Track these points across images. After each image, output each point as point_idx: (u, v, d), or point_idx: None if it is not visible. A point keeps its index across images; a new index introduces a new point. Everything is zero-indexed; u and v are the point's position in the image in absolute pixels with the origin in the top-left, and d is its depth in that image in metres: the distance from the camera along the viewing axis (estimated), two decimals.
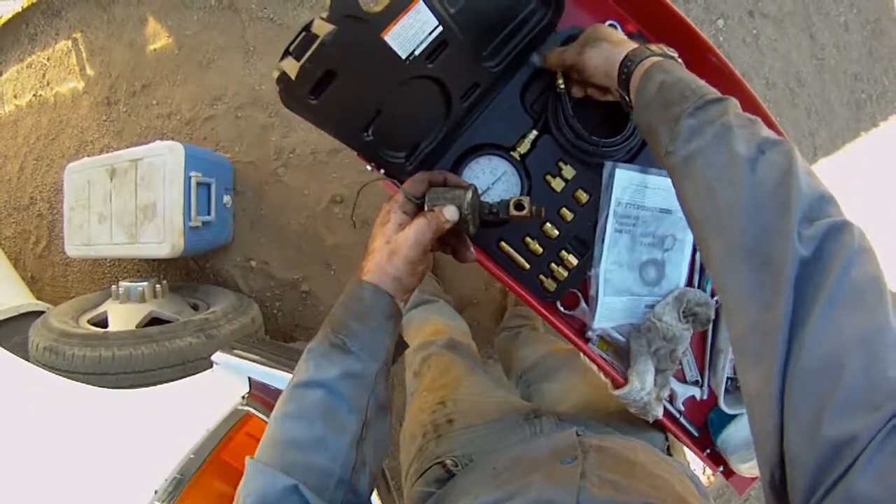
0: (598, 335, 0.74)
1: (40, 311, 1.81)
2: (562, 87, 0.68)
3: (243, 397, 1.02)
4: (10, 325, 1.76)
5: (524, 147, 0.72)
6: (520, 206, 0.59)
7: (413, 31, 0.53)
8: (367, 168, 0.67)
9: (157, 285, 1.67)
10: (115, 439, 0.98)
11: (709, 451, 0.79)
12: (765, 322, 0.37)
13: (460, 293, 1.78)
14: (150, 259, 1.99)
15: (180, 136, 1.95)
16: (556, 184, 0.73)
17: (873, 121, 2.06)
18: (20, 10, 2.29)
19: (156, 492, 0.82)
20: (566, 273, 0.73)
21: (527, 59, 0.69)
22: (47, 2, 2.23)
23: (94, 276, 2.21)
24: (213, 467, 0.90)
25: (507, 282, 0.70)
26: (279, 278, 1.88)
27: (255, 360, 1.05)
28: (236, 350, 1.10)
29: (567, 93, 0.68)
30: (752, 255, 0.40)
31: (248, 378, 1.04)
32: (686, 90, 0.49)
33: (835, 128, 2.00)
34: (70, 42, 2.21)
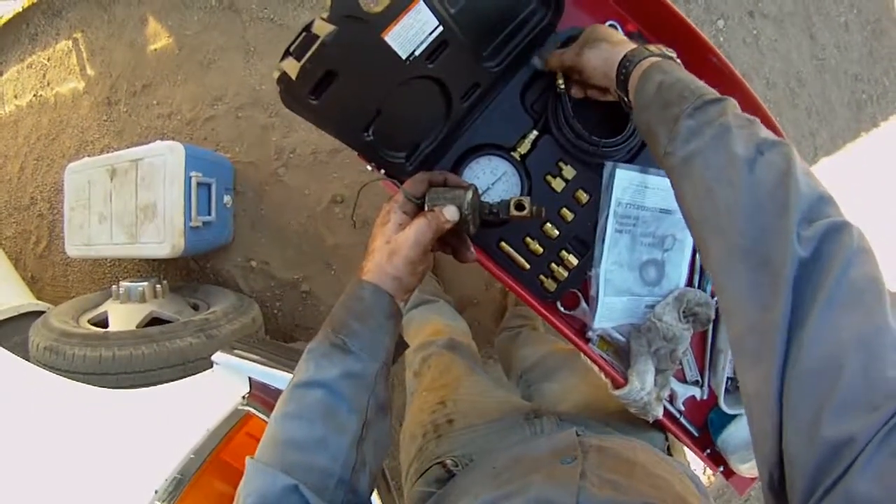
0: (598, 335, 0.74)
1: (41, 311, 1.81)
2: (562, 87, 0.68)
3: (244, 397, 1.03)
4: (11, 325, 1.76)
5: (524, 147, 0.72)
6: (520, 207, 0.59)
7: (413, 32, 0.53)
8: (368, 168, 0.67)
9: (157, 285, 1.67)
10: (116, 439, 0.98)
11: (709, 451, 0.79)
12: (763, 323, 0.37)
13: (460, 293, 1.78)
14: (151, 259, 1.99)
15: (181, 136, 1.96)
16: (557, 184, 0.73)
17: (874, 121, 2.06)
18: (21, 10, 2.29)
19: (156, 492, 0.82)
20: (566, 273, 0.74)
21: (527, 59, 0.69)
22: (48, 2, 2.23)
23: (95, 276, 2.21)
24: (213, 467, 0.90)
25: (508, 282, 0.70)
26: (279, 278, 1.88)
27: (255, 361, 1.05)
28: (237, 350, 1.10)
29: (567, 93, 0.68)
30: (750, 256, 0.40)
31: (249, 378, 1.04)
32: (685, 91, 0.48)
33: (835, 128, 2.00)
34: (70, 42, 2.21)
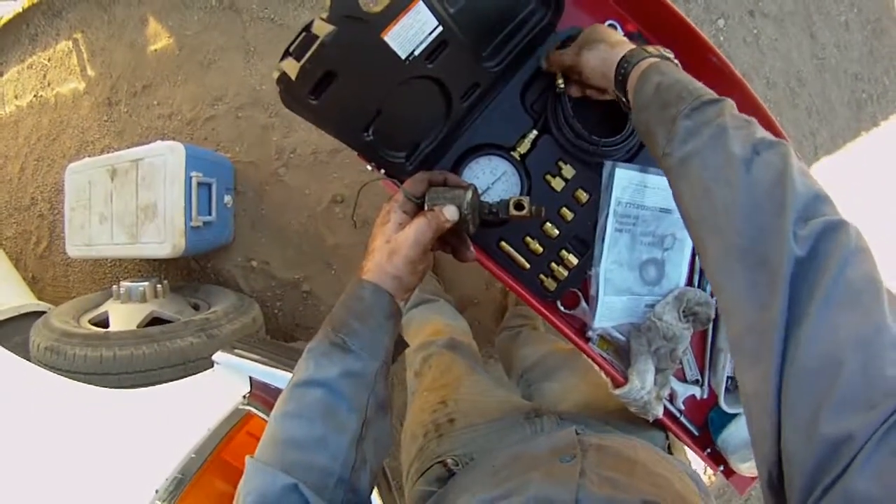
0: (598, 334, 0.74)
1: (41, 312, 1.81)
2: (561, 87, 0.68)
3: (244, 397, 1.03)
4: (12, 325, 1.76)
5: (524, 147, 0.72)
6: (520, 206, 0.59)
7: (413, 32, 0.54)
8: (368, 168, 0.67)
9: (158, 285, 1.67)
10: (117, 439, 0.99)
11: (709, 450, 0.79)
12: (761, 322, 0.37)
13: (461, 293, 1.78)
14: (151, 259, 1.99)
15: (181, 136, 1.96)
16: (556, 183, 0.73)
17: (874, 120, 2.06)
18: (21, 10, 2.29)
19: (157, 491, 0.82)
20: (566, 272, 0.74)
21: (527, 59, 0.69)
22: (48, 2, 2.23)
23: (95, 276, 2.21)
24: (213, 467, 0.90)
25: (508, 281, 0.70)
26: (280, 278, 1.89)
27: (255, 360, 1.06)
28: (237, 350, 1.10)
29: (566, 93, 0.68)
30: (748, 256, 0.40)
31: (249, 378, 1.05)
32: (683, 91, 0.49)
33: (836, 127, 1.99)
34: (71, 42, 2.21)
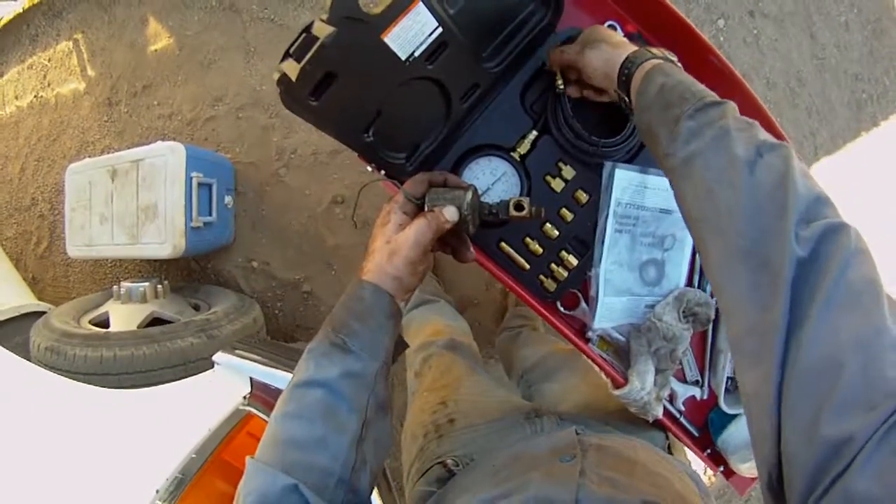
0: (598, 335, 0.74)
1: (41, 312, 1.81)
2: (561, 87, 0.68)
3: (245, 397, 1.03)
4: (12, 326, 1.76)
5: (524, 147, 0.72)
6: (519, 207, 0.59)
7: (413, 33, 0.54)
8: (368, 169, 0.67)
9: (158, 286, 1.67)
10: (117, 439, 0.99)
11: (709, 450, 0.79)
12: (763, 323, 0.37)
13: (461, 293, 1.78)
14: (152, 259, 1.99)
15: (181, 136, 1.96)
16: (556, 184, 0.73)
17: (874, 120, 2.06)
18: (21, 11, 2.29)
19: (157, 491, 0.82)
20: (566, 273, 0.74)
21: (526, 60, 0.69)
22: (48, 3, 2.23)
23: (96, 276, 2.21)
24: (214, 467, 0.90)
25: (508, 282, 0.70)
26: (280, 279, 1.89)
27: (256, 361, 1.06)
28: (238, 350, 1.10)
29: (565, 93, 0.68)
30: (750, 257, 0.40)
31: (250, 378, 1.05)
32: (686, 92, 0.49)
33: (836, 128, 1.99)
34: (71, 43, 2.21)
